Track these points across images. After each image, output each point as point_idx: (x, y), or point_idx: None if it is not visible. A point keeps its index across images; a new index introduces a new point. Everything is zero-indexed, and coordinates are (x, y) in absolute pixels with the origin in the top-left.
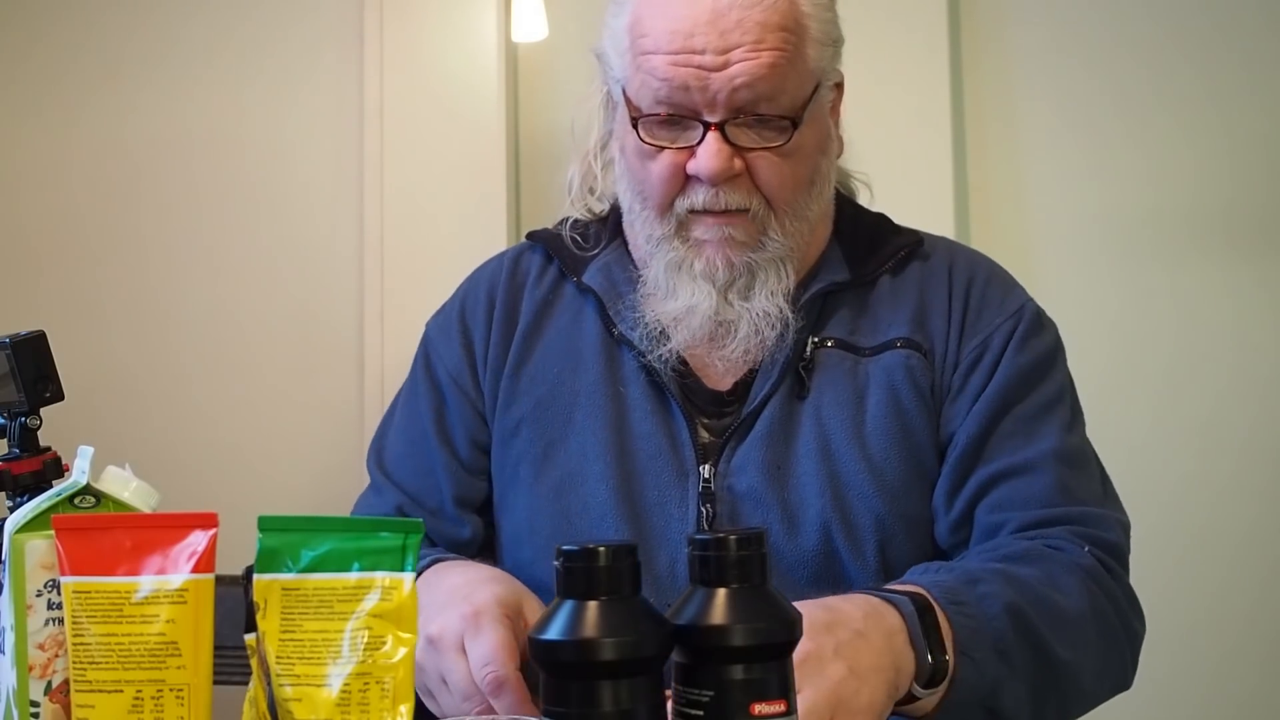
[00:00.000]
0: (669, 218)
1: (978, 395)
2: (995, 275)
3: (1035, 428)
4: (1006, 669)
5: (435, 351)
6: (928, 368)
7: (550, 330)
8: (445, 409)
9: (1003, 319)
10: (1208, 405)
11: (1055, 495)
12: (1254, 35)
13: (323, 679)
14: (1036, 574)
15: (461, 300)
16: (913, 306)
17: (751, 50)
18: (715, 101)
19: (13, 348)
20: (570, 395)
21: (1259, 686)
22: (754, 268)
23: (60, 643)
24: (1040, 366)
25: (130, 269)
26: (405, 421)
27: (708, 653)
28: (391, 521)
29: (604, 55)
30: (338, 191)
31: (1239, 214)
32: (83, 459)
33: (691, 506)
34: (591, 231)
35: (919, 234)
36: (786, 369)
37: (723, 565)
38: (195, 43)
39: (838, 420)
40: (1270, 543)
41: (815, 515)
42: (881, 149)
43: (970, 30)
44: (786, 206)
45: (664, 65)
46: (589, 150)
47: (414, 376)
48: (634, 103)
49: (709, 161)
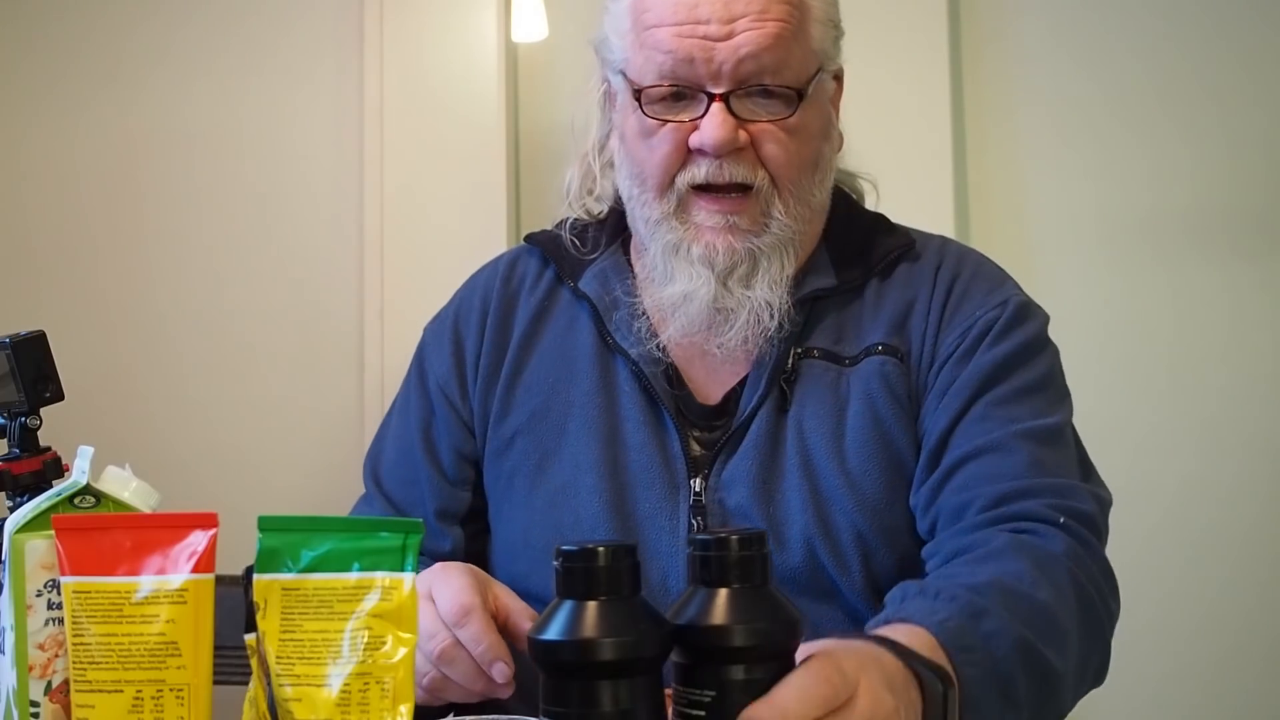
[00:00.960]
0: (669, 196)
1: (952, 381)
2: (982, 271)
3: (1009, 411)
4: (1012, 712)
5: (428, 359)
6: (904, 372)
7: (546, 338)
8: (433, 419)
9: (984, 311)
10: (1207, 405)
11: (1025, 470)
12: (1254, 35)
13: (323, 679)
14: (1026, 574)
15: (456, 308)
16: (895, 310)
17: (756, 20)
18: (720, 73)
19: (13, 348)
20: (564, 406)
21: (1261, 686)
22: (757, 255)
23: (60, 643)
24: (1021, 354)
25: (130, 269)
26: (398, 430)
27: (709, 653)
28: (392, 521)
29: (604, 43)
30: (338, 191)
31: (1239, 214)
32: (83, 459)
33: (682, 520)
34: (590, 234)
35: (912, 235)
36: (773, 381)
37: (724, 565)
38: (195, 43)
39: (818, 434)
40: (1271, 543)
41: (799, 530)
42: (881, 149)
43: (970, 30)
44: (791, 185)
45: (668, 37)
46: (587, 150)
47: (408, 383)
48: (636, 81)
49: (714, 131)
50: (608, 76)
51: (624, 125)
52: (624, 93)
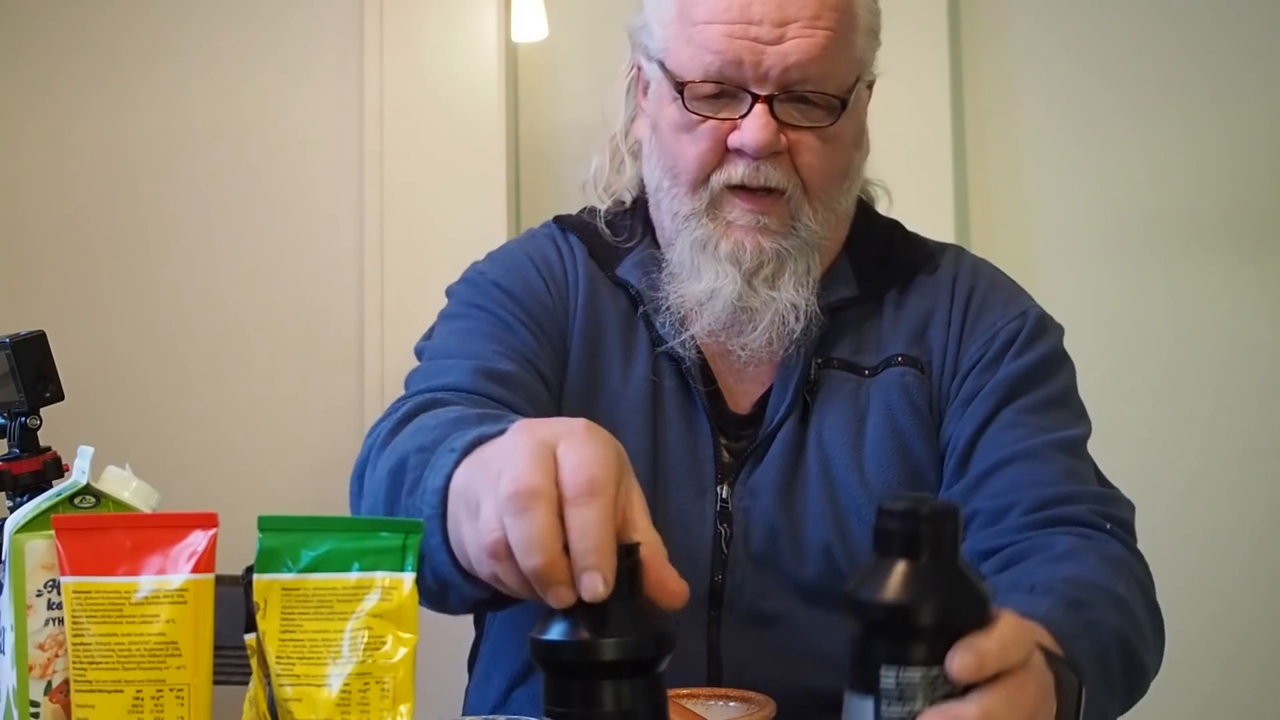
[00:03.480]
0: (702, 193)
1: (976, 391)
2: (998, 283)
3: (1037, 420)
4: (1110, 699)
5: (504, 281)
6: (924, 383)
7: (604, 318)
8: (531, 323)
9: (1005, 321)
10: (1207, 404)
11: (1063, 478)
12: (1255, 35)
13: (323, 679)
14: (1103, 572)
15: (527, 255)
16: (914, 321)
17: (808, 27)
18: (767, 76)
19: (13, 348)
20: (618, 387)
21: (1264, 687)
22: (784, 256)
23: (60, 643)
24: (1045, 366)
25: (130, 269)
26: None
27: None
28: (391, 521)
29: (643, 29)
30: (338, 191)
31: (1239, 214)
32: (83, 459)
33: (709, 525)
34: (621, 224)
35: (929, 245)
36: (798, 391)
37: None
38: (195, 43)
39: (837, 444)
40: (1272, 543)
41: (819, 539)
42: (881, 149)
43: (970, 30)
44: (821, 193)
45: (718, 37)
46: (615, 135)
47: (465, 307)
48: (678, 74)
49: (756, 134)
50: (641, 63)
51: (658, 115)
52: (661, 83)
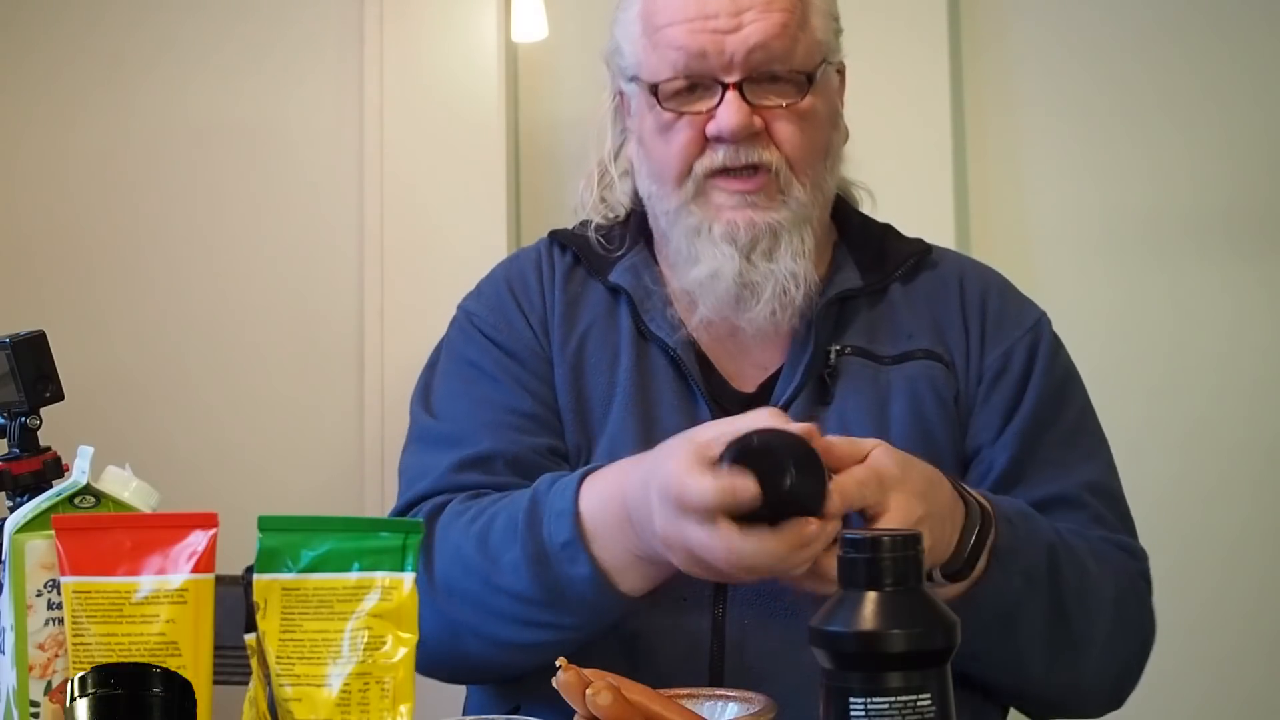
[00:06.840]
0: (687, 184)
1: (1008, 412)
2: (1008, 288)
3: (1069, 456)
4: (1029, 594)
5: (487, 327)
6: (950, 379)
7: (584, 328)
8: (516, 369)
9: (1021, 331)
10: (1206, 404)
11: (1093, 527)
12: (1254, 35)
13: (323, 679)
14: (1081, 547)
15: (505, 280)
16: (929, 317)
17: (763, 11)
18: (732, 63)
19: (13, 348)
20: (605, 390)
21: (1262, 687)
22: (777, 229)
23: (60, 643)
24: (1066, 383)
25: (130, 269)
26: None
27: None
28: (391, 521)
29: (615, 53)
30: (338, 191)
31: (1239, 214)
32: (83, 459)
33: None
34: (614, 234)
35: (924, 242)
36: (808, 374)
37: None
38: (195, 43)
39: (861, 428)
40: (1268, 543)
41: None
42: (881, 149)
43: (970, 30)
44: (806, 168)
45: (680, 34)
46: (602, 157)
47: (458, 359)
48: (650, 79)
49: (731, 117)
50: (621, 87)
51: (641, 128)
52: (639, 96)
